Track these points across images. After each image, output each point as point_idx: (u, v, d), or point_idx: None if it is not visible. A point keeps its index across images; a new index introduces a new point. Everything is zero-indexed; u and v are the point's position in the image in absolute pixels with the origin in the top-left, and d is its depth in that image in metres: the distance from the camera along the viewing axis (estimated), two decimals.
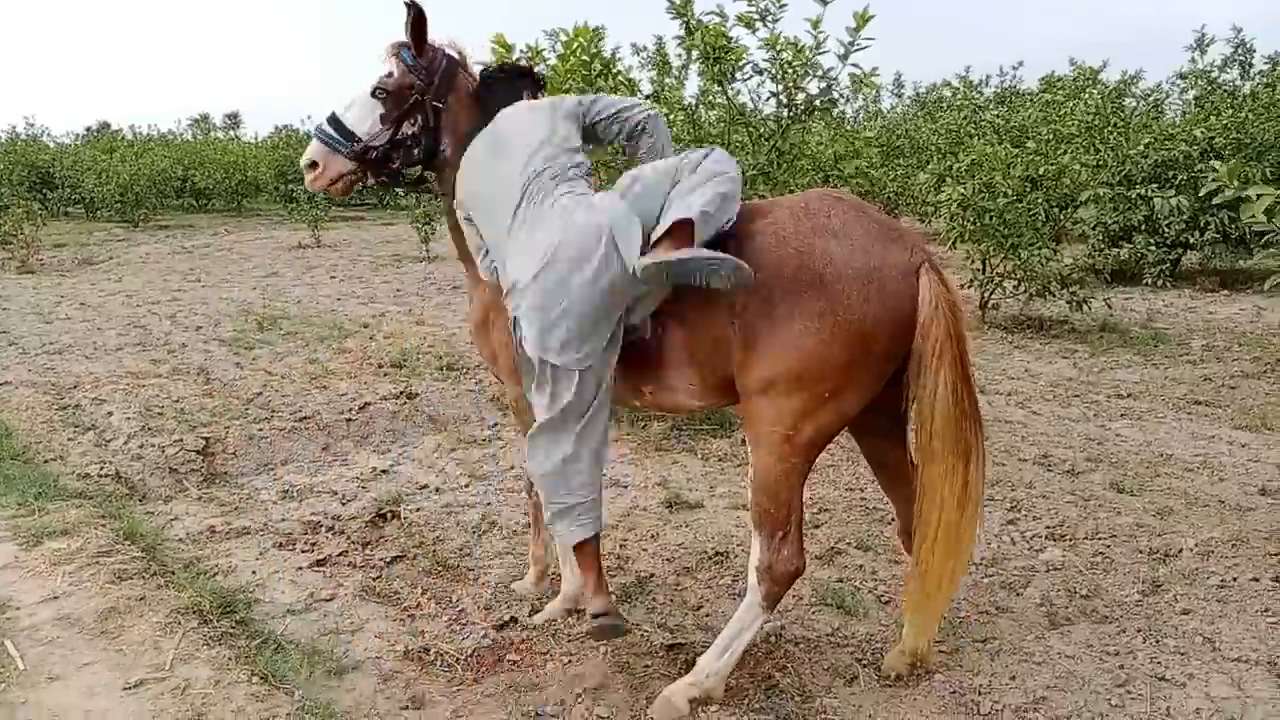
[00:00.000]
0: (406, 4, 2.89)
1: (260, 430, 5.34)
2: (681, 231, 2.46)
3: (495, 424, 5.53)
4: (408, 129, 2.99)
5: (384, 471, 4.79)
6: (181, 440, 5.05)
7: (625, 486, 4.54)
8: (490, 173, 2.81)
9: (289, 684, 2.80)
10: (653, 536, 3.99)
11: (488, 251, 2.89)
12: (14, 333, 8.31)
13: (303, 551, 3.84)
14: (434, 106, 2.99)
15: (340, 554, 3.81)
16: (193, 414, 5.62)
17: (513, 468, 4.81)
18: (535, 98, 3.04)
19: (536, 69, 3.21)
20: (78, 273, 12.82)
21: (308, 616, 3.29)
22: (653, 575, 3.63)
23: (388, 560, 3.74)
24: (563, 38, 5.44)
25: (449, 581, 3.58)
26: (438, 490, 4.52)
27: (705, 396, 2.82)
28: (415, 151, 3.03)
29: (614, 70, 5.61)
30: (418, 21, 2.93)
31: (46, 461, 4.86)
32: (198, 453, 4.92)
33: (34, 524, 3.98)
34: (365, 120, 2.95)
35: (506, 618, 3.23)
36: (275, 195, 25.14)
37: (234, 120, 51.83)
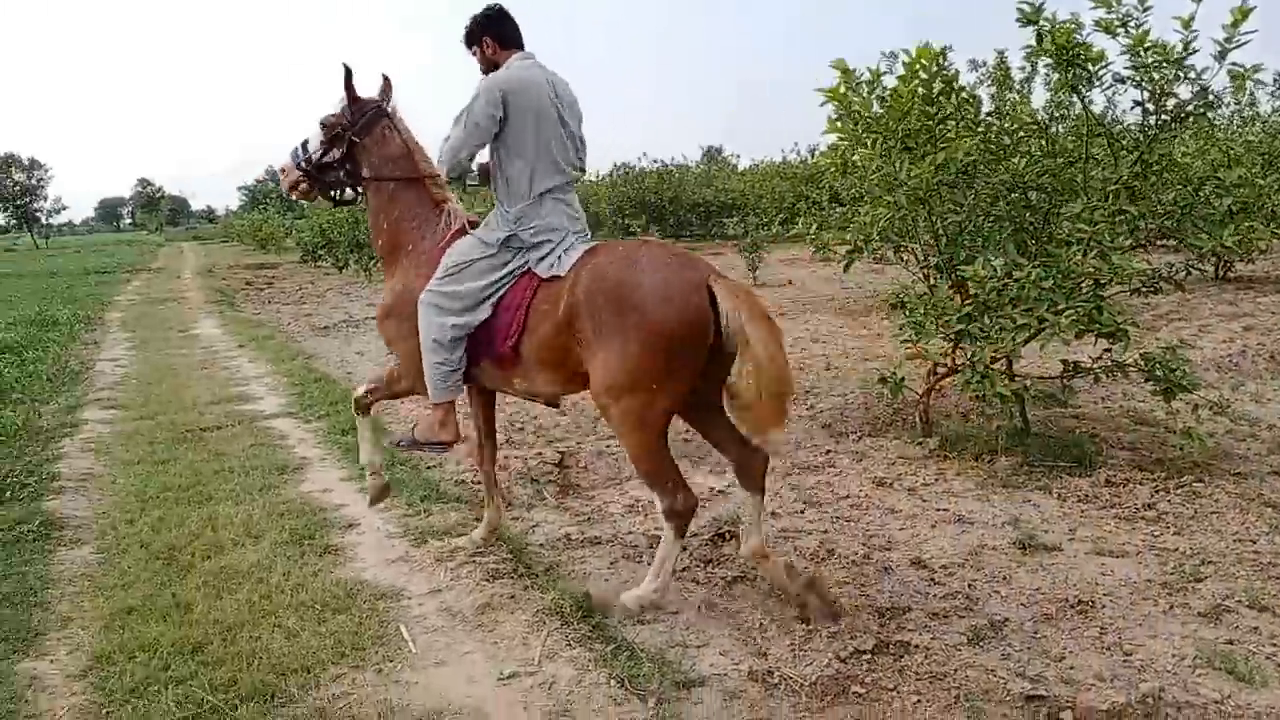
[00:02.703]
0: (343, 64, 3.90)
1: (607, 446, 5.67)
2: None
3: (829, 451, 5.48)
4: (330, 156, 4.00)
5: (721, 492, 4.90)
6: (540, 453, 5.48)
7: (971, 524, 4.31)
8: (556, 112, 3.62)
9: (642, 691, 2.93)
10: (1004, 579, 3.75)
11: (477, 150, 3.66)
12: None
13: (649, 564, 4.00)
14: (351, 141, 3.94)
15: (683, 569, 3.93)
16: (549, 430, 6.09)
17: (848, 496, 4.74)
18: None
19: None
20: None
21: (656, 628, 3.43)
22: (1007, 620, 3.40)
23: (729, 580, 3.81)
24: (903, 59, 5.34)
25: (789, 606, 3.57)
26: (773, 515, 4.54)
27: (563, 385, 3.65)
28: (339, 173, 4.04)
29: (956, 88, 5.40)
30: (348, 80, 3.90)
31: (429, 468, 5.47)
32: (554, 465, 5.31)
33: (420, 524, 4.50)
34: (313, 144, 4.01)
35: (852, 649, 3.17)
36: (614, 227, 26.78)
37: None
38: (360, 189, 4.09)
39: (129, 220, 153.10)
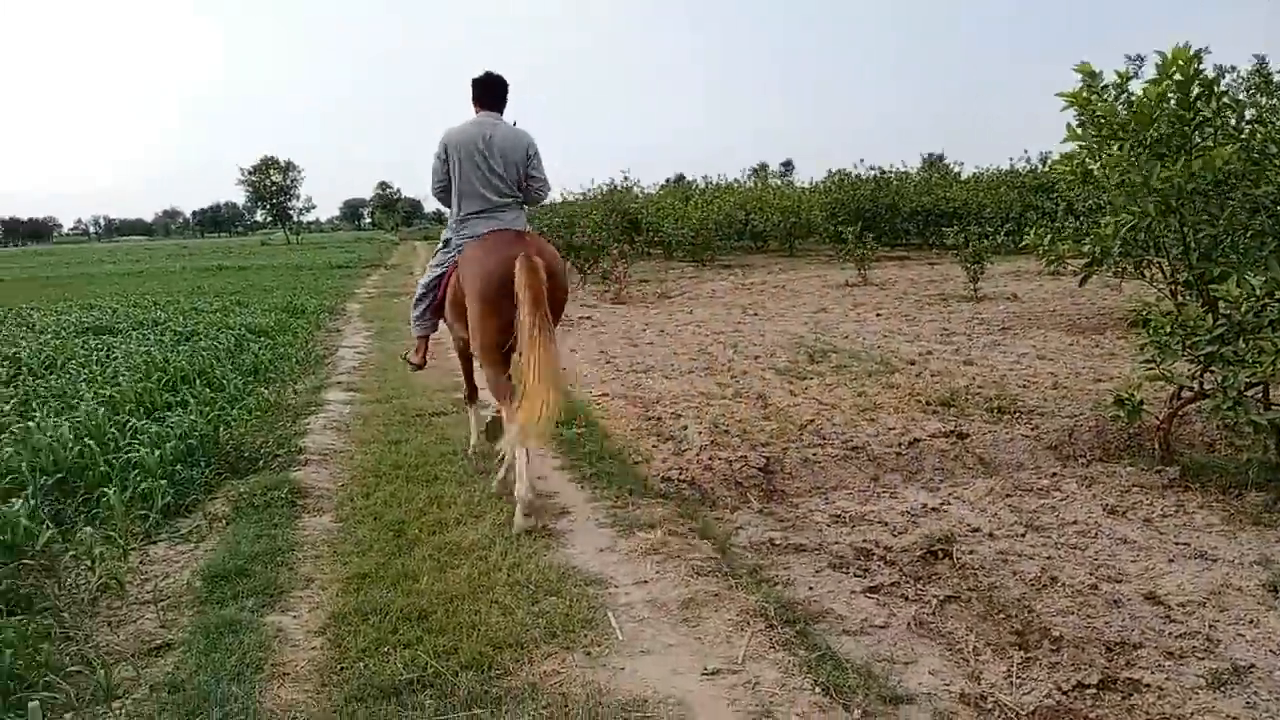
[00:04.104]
0: None
1: (814, 455, 5.60)
2: None
3: (1055, 474, 5.17)
4: None
5: (934, 509, 4.72)
6: (745, 457, 5.48)
7: (1214, 560, 3.95)
8: (480, 156, 4.83)
9: (848, 701, 2.87)
10: (1251, 621, 3.41)
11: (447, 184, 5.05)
12: (610, 353, 9.73)
13: (855, 576, 3.93)
14: None
15: (892, 584, 3.82)
16: (754, 434, 6.08)
17: (1075, 522, 4.46)
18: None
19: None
20: (658, 304, 14.64)
21: (862, 640, 3.35)
22: (1253, 666, 3.10)
23: (941, 598, 3.67)
24: (1155, 61, 4.96)
25: (1006, 632, 3.41)
26: (991, 535, 4.34)
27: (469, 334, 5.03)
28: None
29: (1217, 92, 4.96)
30: None
31: (636, 463, 5.59)
32: (759, 470, 5.30)
33: (628, 516, 4.61)
34: None
35: (1075, 681, 2.98)
36: (825, 236, 26.42)
37: (788, 167, 55.55)
38: None
39: (368, 220, 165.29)
